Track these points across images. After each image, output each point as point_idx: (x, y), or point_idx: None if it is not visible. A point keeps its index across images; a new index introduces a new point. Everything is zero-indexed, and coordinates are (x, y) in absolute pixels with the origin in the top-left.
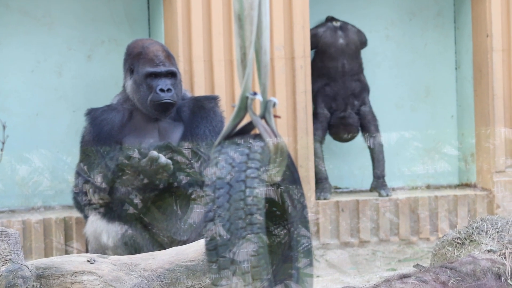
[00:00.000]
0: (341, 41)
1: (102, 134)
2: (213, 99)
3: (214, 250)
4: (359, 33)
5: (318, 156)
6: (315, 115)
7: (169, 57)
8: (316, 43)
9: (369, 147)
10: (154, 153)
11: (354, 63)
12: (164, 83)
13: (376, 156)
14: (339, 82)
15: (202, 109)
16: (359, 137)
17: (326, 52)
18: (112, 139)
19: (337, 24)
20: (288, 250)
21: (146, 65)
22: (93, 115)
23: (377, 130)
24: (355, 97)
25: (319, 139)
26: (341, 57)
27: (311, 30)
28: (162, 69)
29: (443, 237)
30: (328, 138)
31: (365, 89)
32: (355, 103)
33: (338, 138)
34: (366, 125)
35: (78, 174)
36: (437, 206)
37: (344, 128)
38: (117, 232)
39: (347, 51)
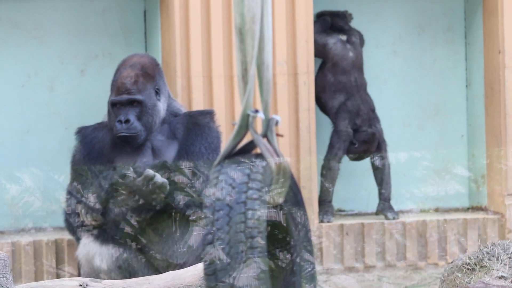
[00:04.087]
0: (351, 54)
1: (93, 153)
2: (208, 114)
3: (213, 274)
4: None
5: (333, 178)
6: (337, 133)
7: (138, 82)
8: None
9: (376, 168)
10: (150, 172)
11: (362, 77)
12: (124, 113)
13: (386, 177)
14: (357, 97)
15: (197, 125)
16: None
17: (338, 65)
18: (103, 158)
19: (344, 37)
20: (291, 275)
21: (113, 93)
22: (83, 133)
23: (386, 149)
24: (372, 113)
25: (339, 160)
26: (353, 70)
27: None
28: (123, 98)
29: (452, 262)
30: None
31: (374, 106)
32: (374, 120)
33: (358, 157)
34: (380, 144)
35: (69, 194)
36: (446, 230)
37: (372, 145)
38: (111, 255)
39: (356, 64)
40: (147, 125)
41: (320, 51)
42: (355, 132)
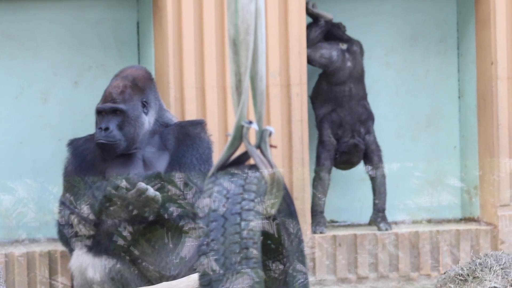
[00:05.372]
0: (348, 64)
1: (84, 164)
2: (198, 124)
3: (207, 285)
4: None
5: (323, 188)
6: (321, 143)
7: (124, 93)
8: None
9: (371, 178)
10: (142, 184)
11: (360, 87)
12: (106, 121)
13: (378, 188)
14: (345, 108)
15: (187, 136)
16: (357, 168)
17: (334, 76)
18: (95, 169)
19: (344, 46)
20: (284, 286)
21: (100, 102)
22: (75, 145)
23: (380, 160)
24: (361, 124)
25: (327, 170)
26: (349, 80)
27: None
28: (106, 106)
29: (445, 273)
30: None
31: (370, 116)
32: (361, 131)
33: (342, 167)
34: (370, 155)
35: (62, 205)
36: (439, 241)
37: (353, 156)
38: (104, 267)
39: (354, 74)
40: (128, 135)
41: (325, 65)
42: (337, 142)
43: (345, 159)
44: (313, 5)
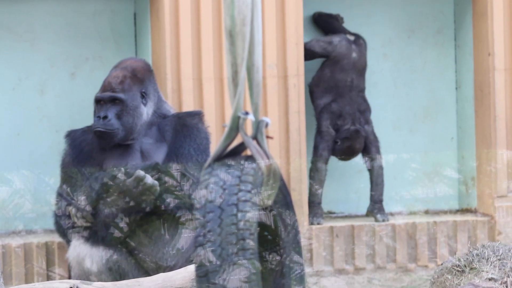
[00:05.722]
0: (354, 54)
1: (82, 155)
2: (196, 115)
3: (204, 276)
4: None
5: (320, 179)
6: (320, 133)
7: (123, 83)
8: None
9: (369, 170)
10: (141, 172)
11: (361, 80)
12: (104, 110)
13: (376, 179)
14: (346, 98)
15: (185, 127)
16: (355, 159)
17: (338, 63)
18: (92, 161)
19: (351, 37)
20: (280, 277)
21: (99, 91)
22: (72, 136)
23: (378, 151)
24: (361, 114)
25: (325, 161)
26: (352, 71)
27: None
28: (105, 95)
29: (442, 264)
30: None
31: (368, 108)
32: (361, 120)
33: (343, 157)
34: (368, 145)
35: (60, 196)
36: (436, 232)
37: (355, 142)
38: (101, 257)
39: (357, 66)
40: (126, 125)
41: (325, 48)
42: (337, 131)
43: (347, 146)
44: None
